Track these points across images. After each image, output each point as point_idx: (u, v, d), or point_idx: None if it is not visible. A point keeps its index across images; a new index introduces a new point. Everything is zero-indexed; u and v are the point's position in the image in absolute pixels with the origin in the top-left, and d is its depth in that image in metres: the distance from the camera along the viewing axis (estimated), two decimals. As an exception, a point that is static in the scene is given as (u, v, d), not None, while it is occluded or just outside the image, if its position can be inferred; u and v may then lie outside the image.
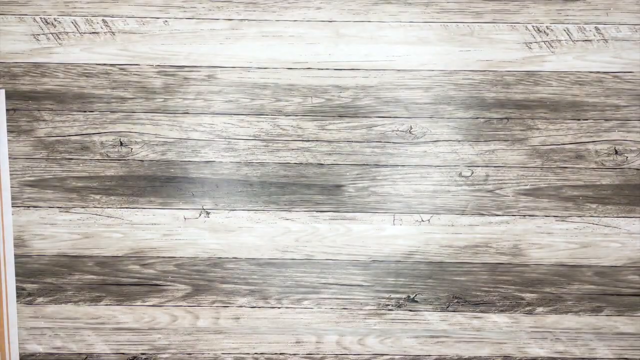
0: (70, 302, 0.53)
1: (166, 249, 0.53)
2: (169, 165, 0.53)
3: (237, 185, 0.54)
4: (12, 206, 0.53)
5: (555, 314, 0.54)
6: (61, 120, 0.53)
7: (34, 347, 0.52)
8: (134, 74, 0.53)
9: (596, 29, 0.53)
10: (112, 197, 0.53)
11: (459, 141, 0.53)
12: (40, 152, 0.53)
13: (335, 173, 0.53)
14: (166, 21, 0.53)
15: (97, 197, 0.53)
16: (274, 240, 0.54)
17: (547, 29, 0.53)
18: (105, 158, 0.53)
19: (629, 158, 0.54)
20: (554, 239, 0.54)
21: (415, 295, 0.52)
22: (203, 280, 0.54)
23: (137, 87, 0.53)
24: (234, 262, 0.54)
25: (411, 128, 0.53)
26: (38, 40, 0.54)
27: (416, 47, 0.53)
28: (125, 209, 0.53)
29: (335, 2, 0.54)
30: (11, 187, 0.53)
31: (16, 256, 0.53)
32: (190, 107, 0.53)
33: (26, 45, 0.54)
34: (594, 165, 0.54)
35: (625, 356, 0.55)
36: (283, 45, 0.53)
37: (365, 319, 0.53)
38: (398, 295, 0.52)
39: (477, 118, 0.53)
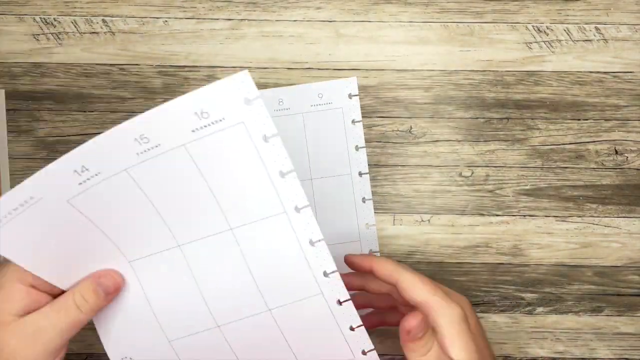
0: (70, 302, 0.53)
1: (166, 249, 0.53)
2: (168, 165, 0.53)
3: (237, 185, 0.53)
4: (12, 206, 0.53)
5: (556, 314, 0.54)
6: (61, 121, 0.53)
7: (34, 347, 0.52)
8: (134, 74, 0.53)
9: (596, 29, 0.53)
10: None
11: (459, 141, 0.53)
12: (41, 153, 0.53)
13: (335, 173, 0.53)
14: (166, 21, 0.53)
15: (97, 197, 0.53)
16: (274, 240, 0.53)
17: (547, 29, 0.53)
18: (105, 158, 0.53)
19: (629, 158, 0.53)
20: (554, 239, 0.54)
21: None
22: (203, 280, 0.53)
23: (137, 87, 0.53)
24: (234, 262, 0.54)
25: (411, 128, 0.53)
26: (38, 40, 0.54)
27: (416, 47, 0.53)
28: (125, 209, 0.53)
29: (335, 2, 0.54)
30: (11, 187, 0.53)
31: (16, 256, 0.53)
32: (190, 107, 0.53)
33: (26, 45, 0.54)
34: (594, 165, 0.53)
35: (626, 356, 0.55)
36: (283, 45, 0.53)
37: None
38: (398, 296, 0.52)
39: (477, 118, 0.53)
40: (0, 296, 0.35)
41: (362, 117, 0.53)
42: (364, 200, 0.51)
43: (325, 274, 0.37)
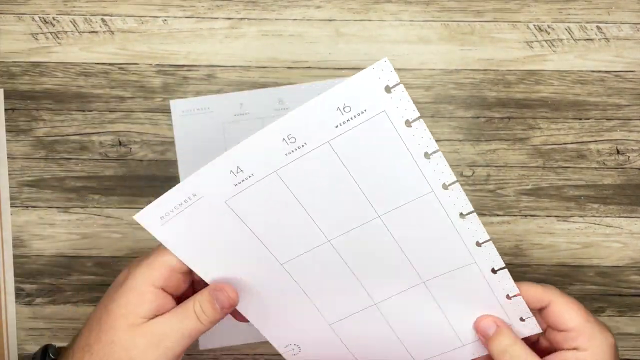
0: (69, 302, 0.53)
1: (165, 249, 0.53)
2: (168, 165, 0.53)
3: (237, 185, 0.53)
4: (11, 206, 0.53)
5: (557, 315, 0.54)
6: (60, 120, 0.53)
7: (33, 348, 0.52)
8: (133, 73, 0.53)
9: (598, 27, 0.53)
10: (111, 197, 0.53)
11: (460, 140, 0.53)
12: (39, 152, 0.53)
13: (335, 173, 0.53)
14: (165, 20, 0.53)
15: (96, 197, 0.53)
16: (273, 240, 0.53)
17: (549, 27, 0.53)
18: (104, 158, 0.53)
19: (630, 157, 0.53)
20: (555, 239, 0.53)
21: None
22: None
23: (136, 86, 0.53)
24: (233, 262, 0.53)
25: (412, 127, 0.53)
26: (37, 39, 0.53)
27: (417, 46, 0.53)
28: (124, 209, 0.53)
29: (335, 0, 0.53)
30: (10, 187, 0.53)
31: (15, 256, 0.53)
32: (190, 107, 0.53)
33: (25, 44, 0.53)
34: (595, 165, 0.53)
35: (627, 357, 0.55)
36: (283, 44, 0.53)
37: (365, 319, 0.52)
38: (399, 296, 0.52)
39: (478, 117, 0.53)
40: (133, 298, 0.37)
41: (363, 116, 0.53)
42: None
43: (478, 244, 0.38)
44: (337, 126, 0.35)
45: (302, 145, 0.35)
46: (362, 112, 0.35)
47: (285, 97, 0.52)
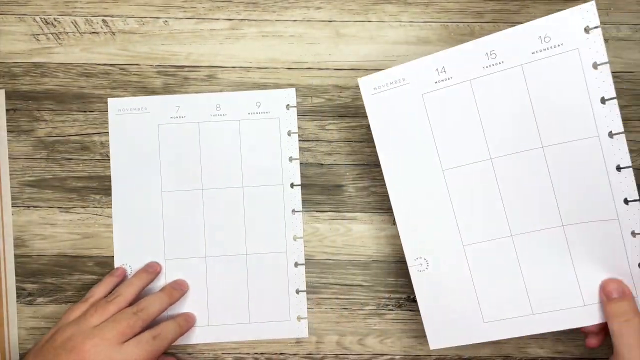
0: (70, 302, 0.53)
1: (166, 249, 0.53)
2: (168, 165, 0.53)
3: (237, 185, 0.53)
4: (12, 206, 0.53)
5: (556, 314, 0.54)
6: (61, 120, 0.53)
7: (34, 347, 0.52)
8: (134, 74, 0.53)
9: (596, 28, 0.53)
10: (112, 197, 0.53)
11: (459, 141, 0.53)
12: (40, 152, 0.53)
13: (335, 173, 0.53)
14: (166, 21, 0.54)
15: (97, 197, 0.53)
16: (274, 240, 0.54)
17: (547, 28, 0.53)
18: (105, 158, 0.53)
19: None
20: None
21: (416, 296, 0.52)
22: (203, 280, 0.53)
23: (137, 87, 0.53)
24: (234, 262, 0.54)
25: (411, 128, 0.53)
26: (38, 40, 0.54)
27: (416, 47, 0.53)
28: (125, 209, 0.53)
29: (335, 2, 0.54)
30: (11, 187, 0.53)
31: (16, 256, 0.53)
32: (190, 107, 0.53)
33: (26, 45, 0.54)
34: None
35: (626, 356, 0.55)
36: (283, 45, 0.53)
37: (365, 319, 0.52)
38: (398, 295, 0.52)
39: (477, 118, 0.53)
40: None
41: (362, 116, 0.53)
42: (293, 212, 0.52)
43: (626, 202, 0.40)
44: (533, 52, 0.40)
45: (500, 63, 0.40)
46: (559, 45, 0.39)
47: (223, 103, 0.53)
